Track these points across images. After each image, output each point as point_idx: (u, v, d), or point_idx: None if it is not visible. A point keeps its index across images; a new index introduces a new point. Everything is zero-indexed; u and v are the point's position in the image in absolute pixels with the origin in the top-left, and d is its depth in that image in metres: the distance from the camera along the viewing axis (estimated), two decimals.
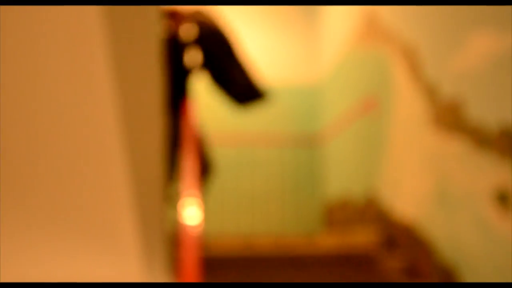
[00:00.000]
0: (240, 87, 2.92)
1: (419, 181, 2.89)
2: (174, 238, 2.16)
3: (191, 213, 2.02)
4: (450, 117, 2.56)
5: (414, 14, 3.02)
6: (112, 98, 1.75)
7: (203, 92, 4.43)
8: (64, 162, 1.98)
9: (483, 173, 2.26)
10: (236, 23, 4.47)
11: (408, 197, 3.03)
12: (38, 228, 2.30)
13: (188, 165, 2.28)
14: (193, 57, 2.87)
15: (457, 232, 2.46)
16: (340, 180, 4.43)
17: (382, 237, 3.24)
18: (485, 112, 2.28)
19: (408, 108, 3.06)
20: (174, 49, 2.91)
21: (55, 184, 2.05)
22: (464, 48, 2.45)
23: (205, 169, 2.87)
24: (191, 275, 1.72)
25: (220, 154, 4.74)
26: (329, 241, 3.38)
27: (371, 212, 3.60)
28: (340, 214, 4.38)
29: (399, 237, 3.10)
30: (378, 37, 3.59)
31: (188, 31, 2.91)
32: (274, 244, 3.83)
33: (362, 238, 3.42)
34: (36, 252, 2.59)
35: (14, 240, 2.15)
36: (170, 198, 2.92)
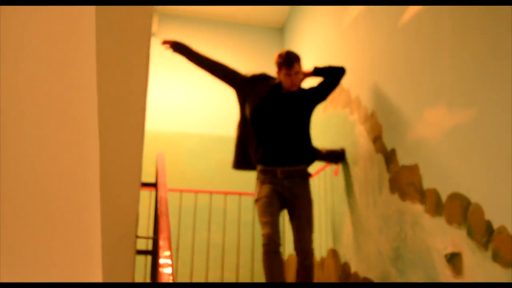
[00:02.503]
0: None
1: (375, 241, 3.08)
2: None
3: (165, 263, 2.13)
4: (404, 183, 2.79)
5: (376, 84, 3.30)
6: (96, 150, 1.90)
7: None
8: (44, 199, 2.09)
9: (434, 236, 2.47)
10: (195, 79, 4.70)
11: (365, 255, 3.22)
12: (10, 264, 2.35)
13: (163, 220, 2.41)
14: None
15: None
16: None
17: None
18: (437, 179, 2.51)
19: (368, 170, 3.28)
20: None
21: (33, 219, 2.14)
22: (419, 120, 2.70)
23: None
24: None
25: (188, 202, 4.84)
26: None
27: (330, 266, 3.76)
28: None
29: None
30: (343, 101, 3.86)
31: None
32: None
33: None
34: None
35: None
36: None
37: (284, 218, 4.19)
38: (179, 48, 3.31)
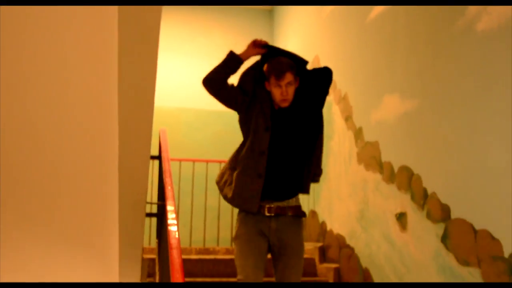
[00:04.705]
0: None
1: (346, 203, 3.70)
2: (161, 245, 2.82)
3: (172, 223, 2.70)
4: (368, 156, 3.39)
5: (347, 70, 3.85)
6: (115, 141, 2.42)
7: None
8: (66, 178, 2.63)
9: (388, 199, 3.09)
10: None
11: (338, 215, 3.84)
12: (34, 234, 2.92)
13: (168, 189, 2.98)
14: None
15: (371, 243, 3.27)
16: None
17: (320, 244, 4.03)
18: (391, 154, 3.11)
19: (340, 144, 3.87)
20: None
21: (55, 195, 2.70)
22: (380, 105, 3.28)
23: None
24: (178, 272, 2.23)
25: (187, 170, 5.42)
26: None
27: (311, 225, 4.39)
28: None
29: (332, 245, 3.90)
30: None
31: None
32: (227, 250, 4.56)
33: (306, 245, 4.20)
34: (30, 258, 3.23)
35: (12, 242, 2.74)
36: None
37: None
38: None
